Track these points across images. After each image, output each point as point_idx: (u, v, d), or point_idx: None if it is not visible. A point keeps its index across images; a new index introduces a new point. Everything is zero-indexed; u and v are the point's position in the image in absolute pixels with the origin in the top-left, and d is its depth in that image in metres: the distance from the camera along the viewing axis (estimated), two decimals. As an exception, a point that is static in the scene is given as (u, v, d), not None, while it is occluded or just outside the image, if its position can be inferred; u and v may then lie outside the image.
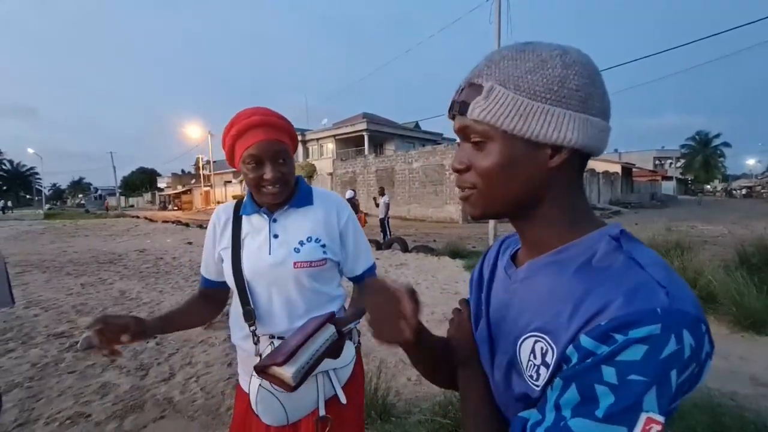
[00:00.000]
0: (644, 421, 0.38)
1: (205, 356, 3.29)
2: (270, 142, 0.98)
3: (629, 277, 0.43)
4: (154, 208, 51.42)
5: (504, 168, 0.50)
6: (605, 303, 0.42)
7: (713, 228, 12.69)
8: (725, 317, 3.72)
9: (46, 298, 5.24)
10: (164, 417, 2.41)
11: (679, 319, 0.39)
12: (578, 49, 0.50)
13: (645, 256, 0.46)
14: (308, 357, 0.81)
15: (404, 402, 2.45)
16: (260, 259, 1.03)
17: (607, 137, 0.50)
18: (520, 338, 0.51)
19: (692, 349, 0.39)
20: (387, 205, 11.23)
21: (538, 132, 0.47)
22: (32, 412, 2.45)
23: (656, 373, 0.38)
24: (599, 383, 0.39)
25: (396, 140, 28.99)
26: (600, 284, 0.44)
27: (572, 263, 0.49)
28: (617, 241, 0.48)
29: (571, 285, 0.47)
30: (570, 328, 0.44)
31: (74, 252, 9.79)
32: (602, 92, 0.49)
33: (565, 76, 0.47)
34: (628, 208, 24.84)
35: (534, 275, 0.54)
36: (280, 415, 0.97)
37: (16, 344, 3.59)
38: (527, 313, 0.52)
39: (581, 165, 0.52)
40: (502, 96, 0.48)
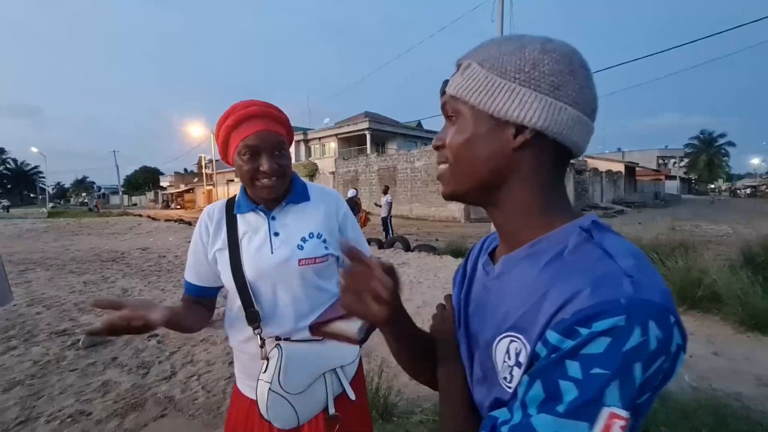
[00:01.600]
0: (607, 415, 0.37)
1: (206, 355, 3.28)
2: (268, 133, 0.95)
3: (596, 268, 0.42)
4: (157, 207, 51.60)
5: (469, 142, 0.50)
6: (571, 295, 0.41)
7: (717, 227, 12.61)
8: (730, 317, 3.69)
9: (49, 296, 5.25)
10: (165, 415, 2.41)
11: (645, 310, 0.38)
12: (566, 43, 0.50)
13: (616, 246, 0.45)
14: None
15: (406, 402, 2.43)
16: (262, 259, 0.99)
17: (583, 130, 0.49)
18: (496, 339, 0.50)
19: (659, 341, 0.37)
20: (389, 204, 11.22)
21: (500, 108, 0.48)
22: (33, 410, 2.45)
23: (619, 366, 0.37)
24: (563, 378, 0.38)
25: (398, 139, 28.95)
26: (567, 276, 0.43)
27: (544, 257, 0.48)
28: (588, 233, 0.47)
29: (540, 279, 0.46)
30: (539, 324, 0.43)
31: (77, 250, 9.82)
32: (582, 85, 0.48)
33: (539, 59, 0.47)
34: (632, 208, 24.73)
35: (508, 271, 0.53)
36: (291, 417, 0.94)
37: (18, 342, 3.59)
38: (500, 311, 0.50)
39: (556, 156, 0.50)
40: (476, 72, 0.50)
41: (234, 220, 1.04)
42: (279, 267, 0.99)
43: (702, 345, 3.27)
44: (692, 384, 2.56)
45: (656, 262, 4.55)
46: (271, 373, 0.91)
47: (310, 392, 0.96)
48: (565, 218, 0.51)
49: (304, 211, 1.06)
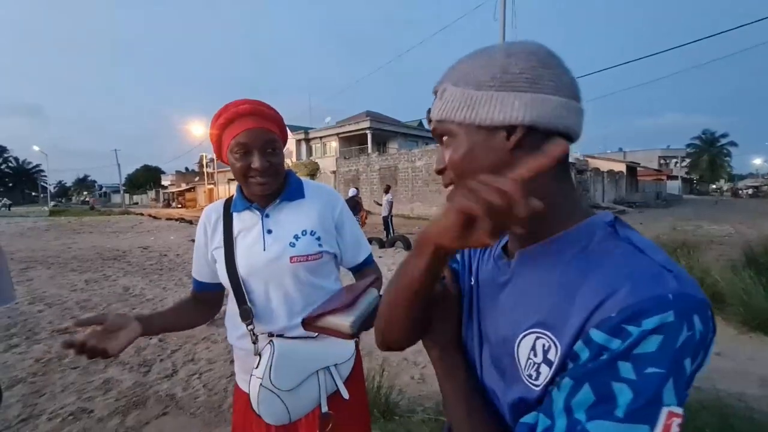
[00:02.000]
0: (666, 415, 0.36)
1: (207, 353, 3.28)
2: (259, 131, 0.95)
3: (632, 263, 0.42)
4: (158, 206, 51.70)
5: (467, 157, 0.52)
6: (611, 291, 0.40)
7: (719, 228, 12.58)
8: (733, 317, 3.68)
9: (51, 294, 5.26)
10: (166, 413, 2.41)
11: (690, 305, 0.38)
12: (530, 41, 0.52)
13: (643, 241, 0.45)
14: (362, 311, 0.83)
15: (407, 400, 2.43)
16: (255, 256, 1.00)
17: (572, 114, 0.49)
18: (519, 335, 0.49)
19: (701, 334, 0.38)
20: (390, 204, 11.21)
21: (485, 116, 0.49)
22: (35, 408, 2.45)
23: (672, 364, 0.37)
24: (616, 380, 0.37)
25: (399, 139, 28.94)
26: (600, 271, 0.42)
27: (567, 251, 0.48)
28: (612, 227, 0.48)
29: (569, 274, 0.45)
30: (574, 322, 0.42)
31: (78, 248, 9.84)
32: (557, 73, 0.49)
33: (507, 63, 0.49)
34: (633, 208, 24.70)
35: (527, 265, 0.52)
36: (283, 414, 0.95)
37: (20, 340, 3.60)
38: (522, 308, 0.50)
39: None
40: (452, 93, 0.52)
41: (230, 218, 1.05)
42: (271, 264, 0.99)
43: (704, 345, 3.26)
44: (695, 384, 2.55)
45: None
46: (263, 368, 0.92)
47: (302, 389, 0.96)
48: (581, 213, 0.51)
49: (298, 208, 1.06)
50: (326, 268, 1.08)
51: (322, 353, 1.00)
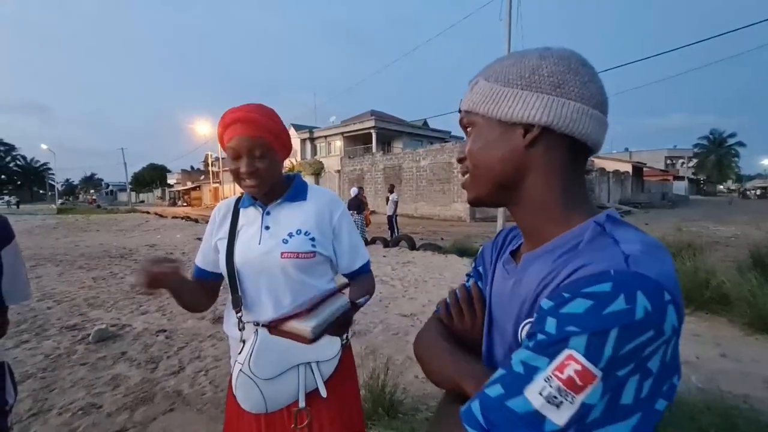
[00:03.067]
0: (565, 356, 0.39)
1: (213, 350, 3.32)
2: (246, 138, 1.01)
3: (600, 253, 0.45)
4: (164, 204, 52.01)
5: (484, 147, 0.55)
6: (573, 270, 0.45)
7: (725, 229, 12.47)
8: (738, 319, 3.67)
9: (59, 291, 5.33)
10: (173, 409, 2.44)
11: (634, 281, 0.39)
12: (565, 48, 0.54)
13: (626, 235, 0.47)
14: (325, 316, 0.85)
15: (411, 399, 2.45)
16: (250, 249, 1.07)
17: (590, 122, 0.51)
18: (520, 325, 0.53)
19: (647, 312, 0.38)
20: (395, 203, 11.23)
21: (506, 112, 0.52)
22: (45, 402, 2.50)
23: (594, 328, 0.38)
24: (541, 333, 0.42)
25: (404, 138, 28.93)
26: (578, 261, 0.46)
27: (560, 251, 0.51)
28: (602, 227, 0.50)
29: (553, 268, 0.49)
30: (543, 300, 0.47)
31: (86, 246, 9.94)
32: (584, 81, 0.51)
33: (538, 65, 0.52)
34: (639, 208, 24.53)
35: (528, 268, 0.55)
36: (259, 402, 0.98)
37: (30, 336, 3.66)
38: (520, 301, 0.54)
39: (571, 151, 0.53)
40: (482, 87, 0.55)
41: (238, 213, 1.14)
42: (263, 257, 1.06)
43: (710, 346, 3.25)
44: (699, 385, 2.55)
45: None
46: (245, 355, 0.95)
47: (280, 381, 0.99)
48: (584, 215, 0.53)
49: (298, 209, 1.12)
50: (319, 269, 1.12)
51: (303, 348, 0.99)
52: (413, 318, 4.11)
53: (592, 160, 28.07)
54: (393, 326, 3.83)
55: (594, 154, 0.56)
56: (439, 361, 0.62)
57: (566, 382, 0.39)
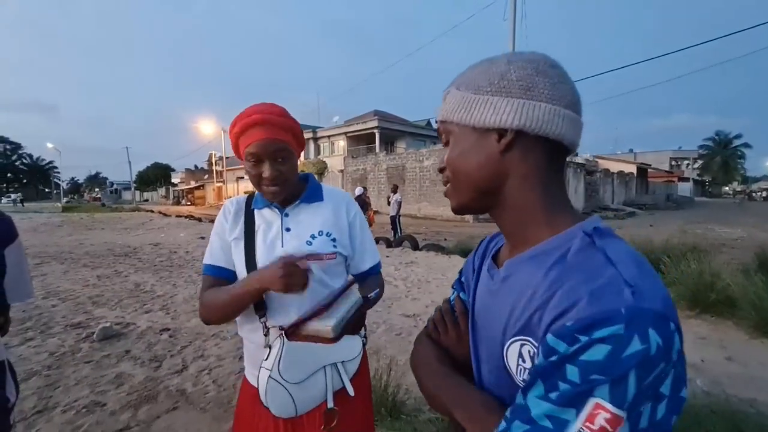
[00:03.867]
0: (593, 405, 0.39)
1: (217, 349, 3.33)
2: (268, 141, 0.98)
3: (597, 275, 0.44)
4: (168, 203, 52.25)
5: (461, 156, 0.56)
6: (572, 302, 0.43)
7: (731, 231, 12.39)
8: (744, 322, 3.63)
9: (64, 289, 5.36)
10: (177, 408, 2.45)
11: (645, 318, 0.39)
12: (535, 51, 0.55)
13: (618, 252, 0.46)
14: (343, 313, 0.84)
15: (414, 400, 2.44)
16: (274, 251, 1.04)
17: (565, 122, 0.51)
18: (506, 342, 0.51)
19: (659, 348, 0.39)
20: (399, 203, 11.22)
21: (478, 118, 0.53)
22: (50, 400, 2.51)
23: (616, 372, 0.39)
24: (563, 381, 0.41)
25: (407, 138, 28.92)
26: (569, 282, 0.45)
27: (548, 259, 0.50)
28: (590, 237, 0.49)
29: (544, 282, 0.48)
30: (542, 326, 0.45)
31: (91, 244, 10.00)
32: (554, 82, 0.51)
33: (506, 70, 0.52)
34: (643, 210, 24.40)
35: (513, 274, 0.55)
36: (289, 406, 0.97)
37: (34, 333, 3.68)
38: (506, 315, 0.52)
39: (548, 153, 0.53)
40: (454, 96, 0.56)
41: (251, 214, 1.10)
42: None
43: (715, 350, 3.22)
44: (704, 389, 2.53)
45: (668, 265, 4.49)
46: (272, 361, 0.93)
47: (309, 383, 0.98)
48: (569, 219, 0.53)
49: (316, 210, 1.11)
50: (338, 269, 1.11)
51: (329, 349, 1.00)
52: (416, 318, 4.11)
53: (596, 161, 27.95)
54: (396, 327, 3.83)
55: (570, 155, 0.57)
56: (432, 384, 0.62)
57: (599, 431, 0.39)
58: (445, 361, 0.64)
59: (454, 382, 0.60)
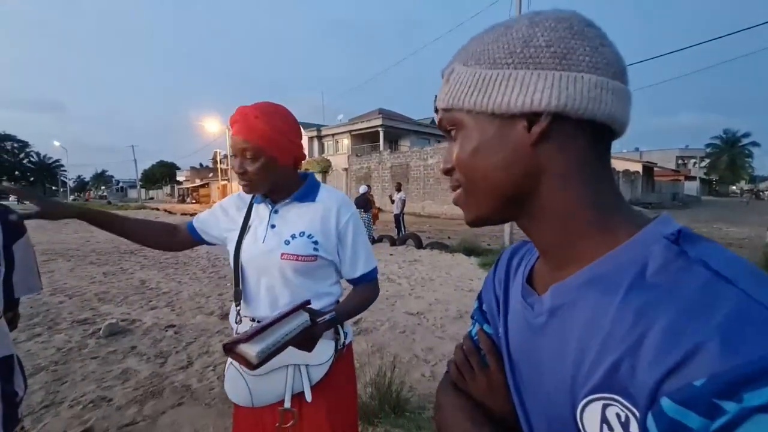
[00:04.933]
0: None
1: (221, 346, 3.34)
2: (238, 139, 1.03)
3: (716, 300, 0.29)
4: (173, 201, 52.56)
5: (476, 153, 0.42)
6: (691, 345, 0.28)
7: (738, 230, 12.28)
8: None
9: (71, 286, 5.41)
10: (182, 404, 2.47)
11: None
12: (559, 8, 0.41)
13: (726, 261, 0.32)
14: (276, 338, 0.80)
15: (418, 397, 2.44)
16: (255, 246, 1.09)
17: (612, 97, 0.38)
18: (579, 402, 0.36)
19: None
20: (403, 202, 11.21)
21: (500, 101, 0.39)
22: (57, 395, 2.54)
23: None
24: None
25: (411, 136, 28.87)
26: (669, 311, 0.31)
27: (617, 282, 0.36)
28: (676, 244, 0.35)
29: (624, 316, 0.34)
30: (641, 380, 0.30)
31: (97, 242, 10.08)
32: (594, 46, 0.39)
33: (530, 34, 0.39)
34: (649, 209, 24.20)
35: (566, 305, 0.40)
36: (245, 396, 1.03)
37: (42, 329, 3.72)
38: (570, 362, 0.38)
39: (592, 140, 0.40)
40: (461, 74, 0.42)
41: (251, 207, 1.16)
42: (264, 256, 1.08)
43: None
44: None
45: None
46: None
47: (267, 378, 1.03)
48: (629, 223, 0.40)
49: (305, 210, 1.12)
50: (320, 272, 1.11)
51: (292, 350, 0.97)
52: (420, 317, 4.11)
53: (601, 160, 27.71)
54: (400, 324, 3.83)
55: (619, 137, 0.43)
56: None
57: None
58: (482, 420, 0.50)
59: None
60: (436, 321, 3.90)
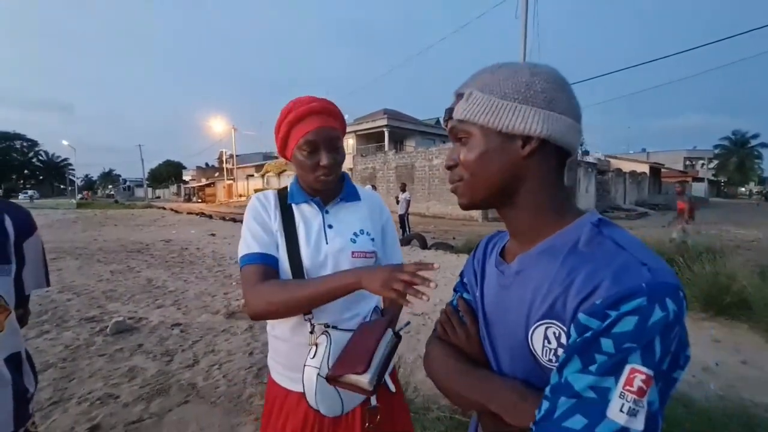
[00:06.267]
0: (629, 371, 0.44)
1: (227, 345, 3.36)
2: (326, 129, 0.98)
3: (614, 258, 0.50)
4: (179, 200, 52.91)
5: (483, 157, 0.58)
6: (597, 283, 0.48)
7: (747, 232, 12.14)
8: (760, 325, 3.56)
9: (79, 284, 5.47)
10: (188, 402, 2.48)
11: (662, 290, 0.46)
12: (548, 65, 0.60)
13: (624, 238, 0.53)
14: (378, 362, 0.87)
15: (423, 398, 2.44)
16: (319, 248, 1.03)
17: (576, 134, 0.58)
18: (530, 328, 0.55)
19: (675, 313, 0.45)
20: (408, 202, 11.22)
21: (507, 124, 0.56)
22: (65, 392, 2.57)
23: (645, 339, 0.44)
24: (599, 353, 0.46)
25: (416, 136, 28.85)
26: (588, 267, 0.51)
27: (561, 250, 0.55)
28: (597, 227, 0.55)
29: (563, 270, 0.53)
30: (569, 310, 0.50)
31: (104, 240, 10.18)
32: (568, 97, 0.57)
33: (531, 81, 0.56)
34: (656, 210, 24.00)
35: (527, 267, 0.59)
36: (337, 404, 0.94)
37: (50, 326, 3.76)
38: (527, 304, 0.56)
39: (559, 161, 0.59)
40: (479, 98, 0.58)
41: (289, 208, 1.07)
42: (334, 257, 1.02)
43: (729, 353, 3.17)
44: (719, 392, 2.49)
45: (682, 266, 4.41)
46: (320, 359, 0.90)
47: None
48: (572, 215, 0.59)
49: (354, 209, 1.12)
50: None
51: None
52: (424, 317, 4.11)
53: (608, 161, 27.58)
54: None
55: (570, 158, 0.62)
56: (455, 383, 0.65)
57: (637, 392, 0.44)
58: (462, 358, 0.67)
59: (478, 376, 0.63)
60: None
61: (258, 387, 2.65)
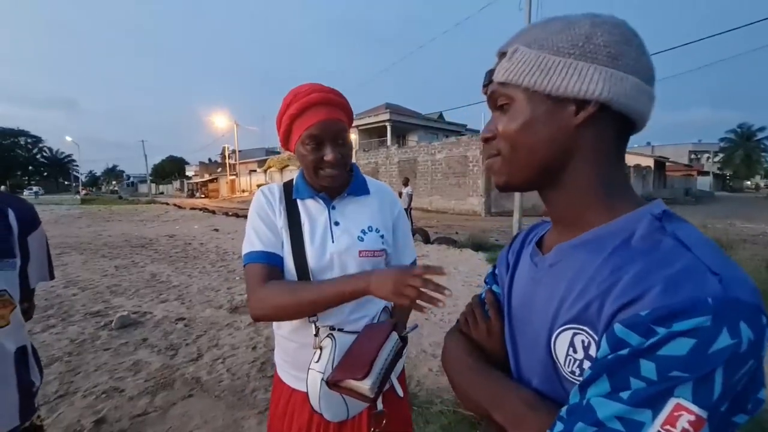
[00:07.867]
0: (673, 406, 0.34)
1: (230, 339, 3.38)
2: (331, 122, 0.92)
3: (673, 260, 0.39)
4: (183, 196, 53.09)
5: (526, 127, 0.48)
6: (645, 288, 0.38)
7: (754, 226, 12.05)
8: None
9: (84, 279, 5.50)
10: (192, 395, 2.50)
11: (736, 309, 0.35)
12: (613, 15, 0.48)
13: (692, 236, 0.42)
14: (380, 367, 0.82)
15: (426, 392, 2.45)
16: (324, 247, 0.97)
17: (645, 99, 0.46)
18: (555, 331, 0.47)
19: (750, 342, 0.34)
20: (410, 196, 11.19)
21: (559, 85, 0.45)
22: (71, 385, 2.59)
23: (703, 369, 0.34)
24: (635, 377, 0.36)
25: (419, 131, 28.73)
26: (637, 266, 0.40)
27: (607, 244, 0.45)
28: (659, 221, 0.44)
29: (605, 268, 0.43)
30: (604, 315, 0.40)
31: (108, 236, 10.23)
32: (638, 53, 0.46)
33: (592, 33, 0.45)
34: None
35: (563, 259, 0.50)
36: (341, 409, 0.90)
37: (56, 321, 3.79)
38: (556, 302, 0.47)
39: (618, 131, 0.48)
40: (525, 54, 0.48)
41: (294, 204, 1.02)
42: (340, 256, 0.97)
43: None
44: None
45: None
46: (324, 362, 0.87)
47: None
48: (629, 203, 0.48)
49: (363, 204, 1.04)
50: (382, 266, 1.04)
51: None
52: (427, 312, 4.10)
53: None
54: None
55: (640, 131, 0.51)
56: (466, 382, 0.58)
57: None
58: (479, 356, 0.60)
59: (490, 378, 0.55)
60: (444, 316, 3.89)
61: (261, 381, 2.66)
